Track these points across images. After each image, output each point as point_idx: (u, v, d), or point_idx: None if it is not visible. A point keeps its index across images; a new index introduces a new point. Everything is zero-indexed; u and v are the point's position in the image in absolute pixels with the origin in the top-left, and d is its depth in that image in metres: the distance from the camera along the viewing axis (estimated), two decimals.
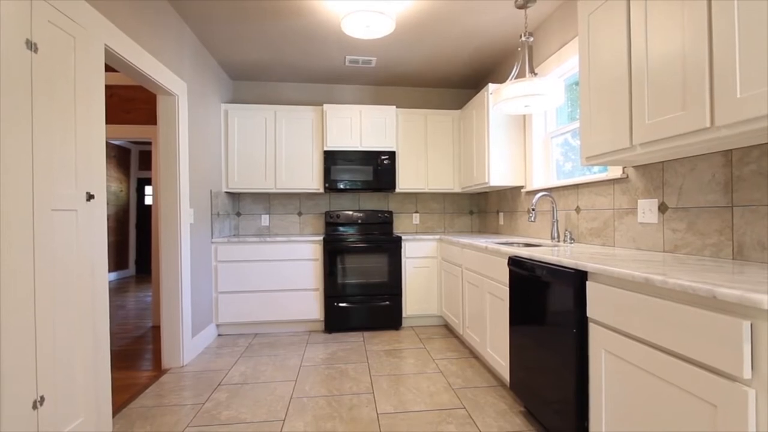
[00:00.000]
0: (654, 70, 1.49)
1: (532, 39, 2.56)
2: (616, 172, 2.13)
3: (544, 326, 1.76)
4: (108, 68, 3.91)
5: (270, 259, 3.38)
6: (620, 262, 1.48)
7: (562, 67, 2.66)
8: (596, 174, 2.37)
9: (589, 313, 1.47)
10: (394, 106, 3.82)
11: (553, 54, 2.73)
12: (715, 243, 1.59)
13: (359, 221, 4.02)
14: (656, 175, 1.88)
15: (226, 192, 3.72)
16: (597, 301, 1.42)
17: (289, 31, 3.01)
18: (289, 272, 3.40)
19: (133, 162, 7.21)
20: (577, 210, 2.49)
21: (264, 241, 3.37)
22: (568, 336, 1.56)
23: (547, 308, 1.74)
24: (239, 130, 3.69)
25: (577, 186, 2.50)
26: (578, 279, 1.52)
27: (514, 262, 2.04)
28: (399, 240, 3.51)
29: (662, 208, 1.85)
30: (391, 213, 4.08)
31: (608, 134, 1.75)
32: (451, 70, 3.84)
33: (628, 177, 2.07)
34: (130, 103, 3.97)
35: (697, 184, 1.67)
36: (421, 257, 3.56)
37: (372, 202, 4.19)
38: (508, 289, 2.16)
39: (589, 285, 1.47)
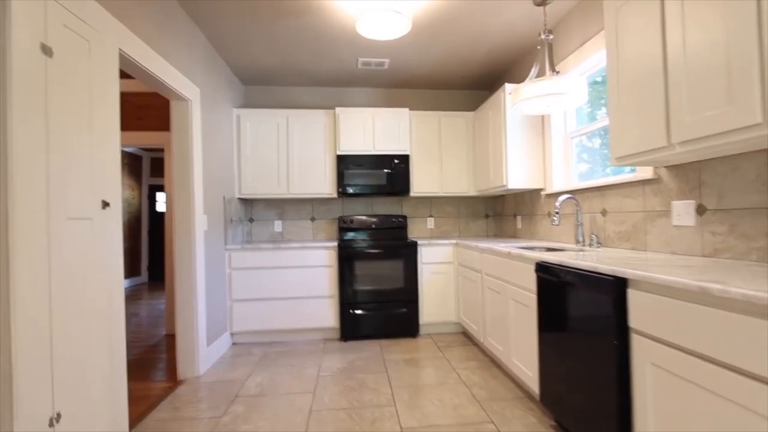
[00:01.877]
0: (693, 62, 1.41)
1: (552, 37, 2.48)
2: (645, 172, 2.04)
3: (578, 336, 1.67)
4: (120, 74, 3.91)
5: (284, 266, 3.32)
6: (660, 267, 1.39)
7: (583, 65, 2.57)
8: (623, 175, 2.27)
9: (631, 324, 1.38)
10: (407, 109, 3.76)
11: (573, 52, 2.65)
12: (762, 247, 1.50)
13: (373, 226, 3.96)
14: (692, 175, 1.79)
15: (239, 198, 3.68)
16: (641, 310, 1.33)
17: (300, 33, 2.97)
18: (303, 279, 3.34)
19: (144, 169, 7.23)
20: (604, 213, 2.40)
21: (278, 248, 3.32)
22: (608, 347, 1.47)
23: (582, 317, 1.65)
24: (251, 136, 3.66)
25: (602, 188, 2.41)
26: (617, 287, 1.43)
27: (542, 268, 1.95)
28: (415, 245, 3.44)
29: (700, 209, 1.75)
30: (405, 217, 4.01)
31: (642, 133, 1.66)
32: (465, 71, 3.77)
33: (660, 178, 1.97)
34: (143, 109, 3.96)
35: (740, 184, 1.57)
36: (437, 262, 3.48)
37: (386, 206, 4.12)
38: (535, 296, 2.07)
39: (631, 293, 1.38)
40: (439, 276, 3.48)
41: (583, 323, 1.63)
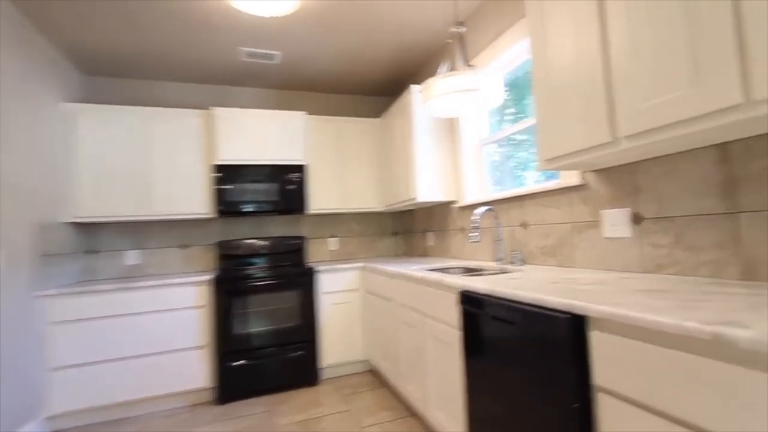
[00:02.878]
0: (642, 41, 1.13)
1: (465, 29, 2.18)
2: (571, 178, 1.78)
3: (521, 391, 1.26)
4: None
5: (134, 311, 2.46)
6: (617, 295, 1.04)
7: (499, 59, 2.30)
8: (546, 182, 2.01)
9: (597, 380, 0.99)
10: (304, 112, 3.22)
11: (487, 47, 2.39)
12: (714, 260, 1.26)
13: (263, 251, 3.27)
14: (626, 179, 1.55)
15: (73, 222, 2.72)
16: (611, 361, 0.95)
17: (163, 8, 2.26)
18: (163, 327, 2.51)
19: None
20: (524, 225, 2.11)
21: (127, 288, 2.45)
22: (565, 412, 1.07)
23: (525, 366, 1.24)
24: (93, 139, 2.75)
25: (521, 198, 2.13)
26: (573, 326, 1.04)
27: (469, 300, 1.53)
28: (311, 272, 2.85)
29: (637, 218, 1.51)
30: (303, 239, 3.40)
31: (579, 129, 1.36)
32: (369, 73, 3.37)
33: (587, 184, 1.72)
34: None
35: (684, 188, 1.34)
36: (340, 291, 2.94)
37: (279, 227, 3.47)
38: (458, 332, 1.64)
39: (596, 337, 1.00)
40: (342, 307, 2.94)
41: (527, 374, 1.23)
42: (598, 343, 0.99)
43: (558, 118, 1.45)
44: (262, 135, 3.10)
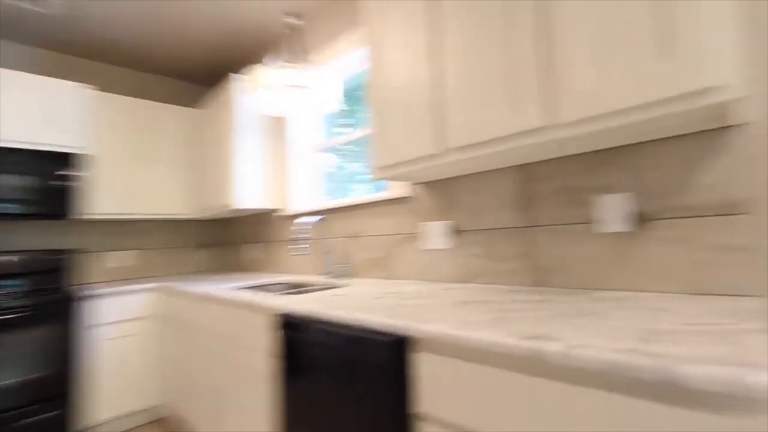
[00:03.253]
0: (470, 56, 1.14)
1: (302, 22, 1.98)
2: (399, 190, 1.75)
3: (348, 426, 1.07)
4: None
5: None
6: (437, 309, 0.97)
7: (338, 61, 2.15)
8: (377, 193, 1.95)
9: (424, 407, 0.87)
10: (90, 86, 2.45)
11: (326, 46, 2.24)
12: (517, 268, 1.35)
13: (4, 273, 2.29)
14: (448, 192, 1.58)
15: None
16: (438, 385, 0.85)
17: None
18: None
19: None
20: (354, 237, 2.00)
21: None
22: None
23: (351, 396, 1.05)
24: None
25: (351, 208, 2.02)
26: (398, 349, 0.91)
27: (288, 323, 1.28)
28: (79, 298, 2.11)
29: (456, 230, 1.55)
30: (71, 252, 2.53)
31: (411, 139, 1.32)
32: (184, 52, 2.81)
33: (414, 195, 1.71)
34: None
35: (495, 202, 1.42)
36: (125, 320, 2.26)
37: (40, 237, 2.51)
38: (279, 361, 1.36)
39: (421, 359, 0.88)
40: (127, 341, 2.25)
41: (353, 404, 1.04)
42: (423, 365, 0.88)
43: (392, 127, 1.39)
44: (14, 107, 2.21)
